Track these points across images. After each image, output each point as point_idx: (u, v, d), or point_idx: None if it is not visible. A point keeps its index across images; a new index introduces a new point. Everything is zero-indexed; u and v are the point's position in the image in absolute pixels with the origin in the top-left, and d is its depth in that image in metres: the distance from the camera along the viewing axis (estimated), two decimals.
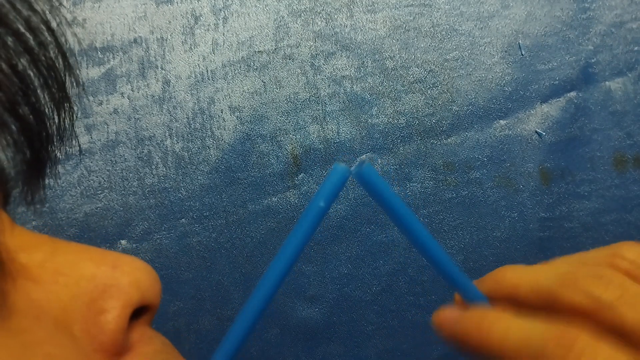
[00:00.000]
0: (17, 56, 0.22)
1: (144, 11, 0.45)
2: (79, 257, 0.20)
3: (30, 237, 0.21)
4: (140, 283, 0.21)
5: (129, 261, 0.21)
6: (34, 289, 0.19)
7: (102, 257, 0.21)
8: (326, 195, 0.21)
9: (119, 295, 0.20)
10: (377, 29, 0.47)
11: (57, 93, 0.23)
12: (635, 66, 0.49)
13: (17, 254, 0.20)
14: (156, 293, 0.21)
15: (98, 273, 0.20)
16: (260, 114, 0.46)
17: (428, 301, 0.47)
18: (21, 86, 0.22)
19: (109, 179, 0.44)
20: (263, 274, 0.21)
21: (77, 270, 0.20)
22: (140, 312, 0.21)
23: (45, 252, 0.20)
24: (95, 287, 0.20)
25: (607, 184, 0.49)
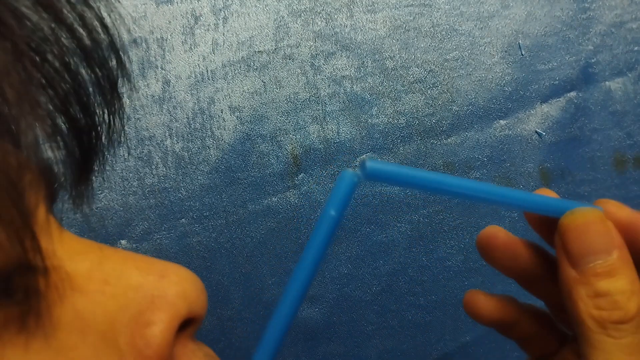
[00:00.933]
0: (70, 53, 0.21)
1: (144, 11, 0.45)
2: (126, 266, 0.20)
3: (77, 243, 0.20)
4: (187, 294, 0.20)
5: (176, 270, 0.20)
6: (80, 300, 0.18)
7: (149, 266, 0.20)
8: (336, 203, 0.21)
9: (166, 307, 0.19)
10: (377, 29, 0.47)
11: (109, 93, 0.23)
12: (635, 66, 0.49)
13: (64, 261, 0.19)
14: (203, 304, 0.21)
15: (145, 283, 0.19)
16: (260, 114, 0.46)
17: (428, 301, 0.47)
18: (73, 85, 0.21)
19: (109, 179, 0.44)
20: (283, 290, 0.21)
21: (124, 280, 0.19)
22: (186, 324, 0.21)
23: (92, 261, 0.19)
24: (143, 297, 0.19)
25: (607, 184, 0.49)
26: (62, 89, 0.21)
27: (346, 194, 0.21)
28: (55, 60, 0.21)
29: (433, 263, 0.47)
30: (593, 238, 0.24)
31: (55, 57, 0.21)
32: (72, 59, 0.21)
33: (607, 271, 0.23)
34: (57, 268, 0.18)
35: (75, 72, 0.21)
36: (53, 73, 0.21)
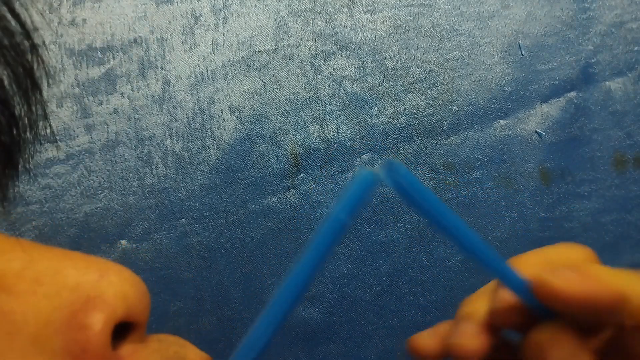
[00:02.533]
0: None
1: (144, 11, 0.45)
2: (62, 265, 0.18)
3: (5, 243, 0.18)
4: (127, 296, 0.18)
5: (116, 271, 0.19)
6: (7, 301, 0.17)
7: (87, 265, 0.19)
8: (349, 206, 0.18)
9: (102, 307, 0.18)
10: (377, 29, 0.47)
11: (24, 80, 0.21)
12: (635, 66, 0.49)
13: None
14: (143, 308, 0.19)
15: (82, 282, 0.18)
16: (260, 114, 0.46)
17: (428, 301, 0.47)
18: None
19: (109, 179, 0.44)
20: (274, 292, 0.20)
21: (58, 279, 0.18)
22: (128, 328, 0.19)
23: (23, 259, 0.18)
24: (78, 298, 0.18)
25: (607, 184, 0.49)
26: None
27: (362, 196, 0.18)
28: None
29: (433, 263, 0.47)
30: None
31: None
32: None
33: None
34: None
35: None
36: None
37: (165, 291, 0.44)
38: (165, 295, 0.44)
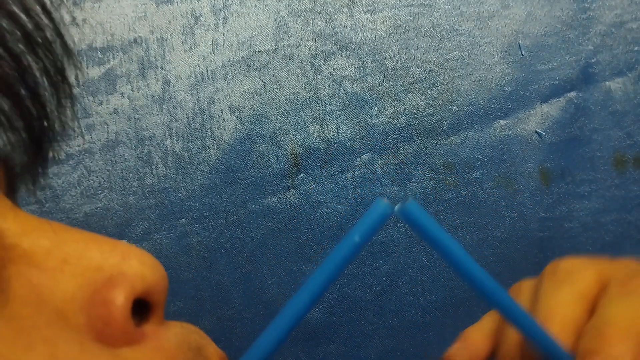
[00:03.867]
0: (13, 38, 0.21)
1: (144, 11, 0.45)
2: (87, 247, 0.20)
3: (37, 223, 0.20)
4: (146, 277, 0.20)
5: (137, 254, 0.20)
6: (37, 275, 0.19)
7: (111, 248, 0.20)
8: (363, 230, 0.20)
9: (122, 285, 0.19)
10: (377, 29, 0.47)
11: (55, 74, 0.23)
12: (635, 66, 0.49)
13: (19, 239, 0.19)
14: (161, 289, 0.21)
15: (105, 265, 0.20)
16: (260, 114, 0.46)
17: (428, 301, 0.47)
18: (18, 69, 0.21)
19: (109, 179, 0.44)
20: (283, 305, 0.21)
21: (84, 261, 0.19)
22: (147, 311, 0.21)
23: (52, 239, 0.19)
24: (101, 277, 0.19)
25: (607, 184, 0.49)
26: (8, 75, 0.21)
27: (375, 223, 0.20)
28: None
29: (433, 263, 0.47)
30: None
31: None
32: (16, 45, 0.21)
33: None
34: (11, 245, 0.19)
35: (19, 57, 0.21)
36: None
37: None
38: None
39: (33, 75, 0.22)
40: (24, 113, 0.22)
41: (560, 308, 0.26)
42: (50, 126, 0.23)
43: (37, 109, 0.22)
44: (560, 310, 0.26)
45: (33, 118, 0.22)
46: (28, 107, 0.22)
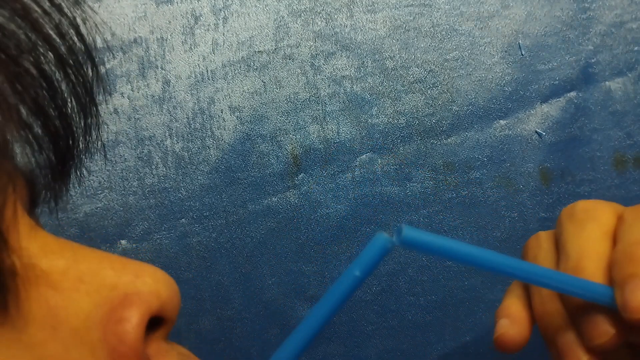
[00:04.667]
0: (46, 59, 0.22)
1: (144, 11, 0.45)
2: (101, 266, 0.20)
3: (53, 242, 0.20)
4: (161, 293, 0.20)
5: (151, 272, 0.21)
6: (53, 296, 0.19)
7: (124, 266, 0.20)
8: (363, 264, 0.20)
9: (138, 303, 0.20)
10: (377, 29, 0.47)
11: (84, 97, 0.23)
12: (635, 66, 0.49)
13: (38, 259, 0.19)
14: (175, 306, 0.21)
15: (119, 283, 0.20)
16: (260, 114, 0.46)
17: (428, 301, 0.47)
18: (48, 89, 0.22)
19: (109, 179, 0.44)
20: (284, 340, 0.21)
21: (99, 279, 0.20)
22: (157, 326, 0.21)
23: (67, 259, 0.20)
24: (116, 296, 0.20)
25: (607, 184, 0.49)
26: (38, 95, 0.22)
27: (375, 257, 0.20)
28: (31, 67, 0.21)
29: (433, 263, 0.47)
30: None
31: (31, 64, 0.21)
32: (49, 66, 0.22)
33: None
34: (30, 265, 0.19)
35: (51, 79, 0.22)
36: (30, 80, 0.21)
37: None
38: None
39: (62, 96, 0.22)
40: (51, 132, 0.22)
41: (590, 244, 0.26)
42: (75, 145, 0.24)
43: (64, 129, 0.23)
44: (590, 246, 0.26)
45: (60, 138, 0.23)
46: (56, 127, 0.23)
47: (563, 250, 0.27)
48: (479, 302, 0.47)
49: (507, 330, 0.28)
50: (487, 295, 0.47)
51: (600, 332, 0.25)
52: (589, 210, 0.28)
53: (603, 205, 0.28)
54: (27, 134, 0.22)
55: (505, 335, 0.28)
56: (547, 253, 0.29)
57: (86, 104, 0.23)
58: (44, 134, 0.22)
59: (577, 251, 0.26)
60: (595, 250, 0.26)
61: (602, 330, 0.25)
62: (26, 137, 0.22)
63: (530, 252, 0.30)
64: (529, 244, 0.31)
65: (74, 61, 0.23)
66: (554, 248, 0.29)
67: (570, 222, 0.28)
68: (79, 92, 0.23)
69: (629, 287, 0.23)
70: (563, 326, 0.27)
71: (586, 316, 0.25)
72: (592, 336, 0.25)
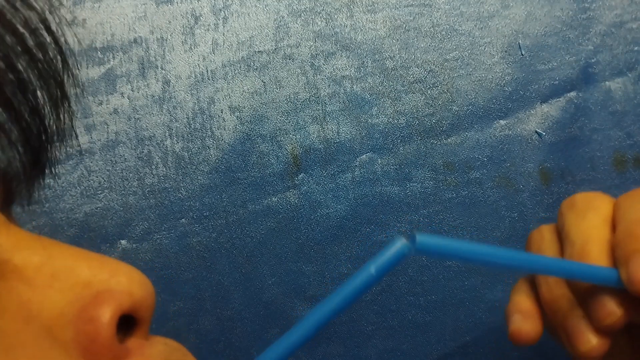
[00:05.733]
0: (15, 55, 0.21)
1: (144, 11, 0.45)
2: (77, 263, 0.20)
3: (28, 238, 0.20)
4: (134, 293, 0.20)
5: (126, 271, 0.21)
6: (26, 291, 0.19)
7: (100, 265, 0.20)
8: (379, 265, 0.21)
9: (109, 301, 0.19)
10: (377, 29, 0.47)
11: (56, 92, 0.23)
12: (635, 66, 0.49)
13: (11, 254, 0.19)
14: (148, 306, 0.21)
15: (93, 281, 0.20)
16: (260, 114, 0.46)
17: (428, 301, 0.47)
18: (18, 84, 0.22)
19: (109, 179, 0.44)
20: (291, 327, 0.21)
21: (73, 276, 0.20)
22: (133, 326, 0.21)
23: (42, 255, 0.20)
24: (89, 293, 0.20)
25: (607, 184, 0.49)
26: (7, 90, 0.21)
27: (392, 260, 0.21)
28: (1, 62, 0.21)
29: (433, 263, 0.47)
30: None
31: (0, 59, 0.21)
32: (19, 61, 0.22)
33: None
34: (3, 260, 0.19)
35: (21, 74, 0.22)
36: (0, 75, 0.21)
37: (165, 291, 0.44)
38: (165, 295, 0.44)
39: (33, 90, 0.22)
40: (22, 127, 0.22)
41: (593, 231, 0.27)
42: (49, 141, 0.24)
43: (35, 124, 0.23)
44: (593, 232, 0.27)
45: (31, 132, 0.23)
46: (27, 121, 0.22)
47: (567, 238, 0.28)
48: (479, 302, 0.47)
49: (521, 325, 0.29)
50: (487, 295, 0.47)
51: (608, 312, 0.25)
52: (588, 200, 0.29)
53: (600, 196, 0.29)
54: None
55: (520, 329, 0.29)
56: (550, 243, 0.30)
57: (57, 99, 0.23)
58: (16, 130, 0.22)
59: (581, 237, 0.27)
60: (598, 235, 0.27)
61: (609, 310, 0.25)
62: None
63: (534, 244, 0.31)
64: (532, 237, 0.32)
65: (44, 56, 0.23)
66: (557, 238, 0.30)
67: (571, 212, 0.29)
68: (49, 85, 0.23)
69: (632, 262, 0.24)
70: (571, 310, 0.27)
71: (593, 298, 0.26)
72: (600, 317, 0.26)
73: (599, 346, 0.26)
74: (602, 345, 0.26)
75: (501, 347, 0.48)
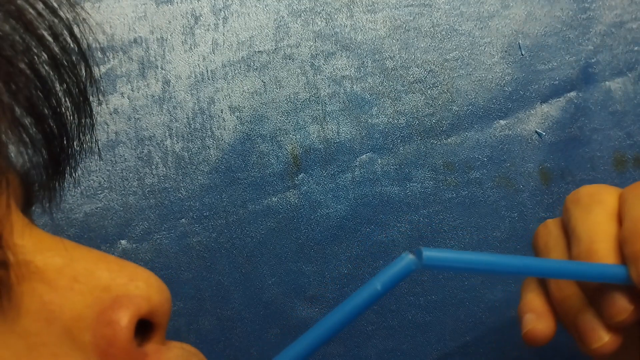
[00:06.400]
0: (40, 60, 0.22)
1: (144, 11, 0.45)
2: (97, 266, 0.20)
3: (50, 240, 0.21)
4: (152, 298, 0.21)
5: (145, 277, 0.21)
6: (48, 292, 0.19)
7: (120, 269, 0.21)
8: (385, 280, 0.21)
9: (128, 305, 0.20)
10: (377, 29, 0.47)
11: (78, 97, 0.23)
12: (635, 66, 0.49)
13: (33, 255, 0.20)
14: (165, 312, 0.21)
15: (113, 284, 0.20)
16: (260, 114, 0.46)
17: (428, 301, 0.47)
18: (42, 89, 0.22)
19: (109, 179, 0.44)
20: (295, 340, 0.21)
21: (93, 280, 0.20)
22: (150, 331, 0.21)
23: (64, 257, 0.20)
24: (108, 297, 0.20)
25: (607, 184, 0.49)
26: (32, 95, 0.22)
27: (398, 276, 0.21)
28: (26, 67, 0.21)
29: None
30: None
31: (25, 64, 0.21)
32: (43, 66, 0.22)
33: None
34: (24, 261, 0.19)
35: (45, 79, 0.22)
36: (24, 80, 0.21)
37: None
38: None
39: (56, 96, 0.23)
40: (45, 132, 0.23)
41: (599, 227, 0.27)
42: (70, 145, 0.24)
43: (58, 128, 0.23)
44: (600, 228, 0.27)
45: (54, 137, 0.23)
46: (50, 126, 0.23)
47: (573, 234, 0.28)
48: (479, 302, 0.47)
49: (535, 325, 0.29)
50: (487, 295, 0.47)
51: (619, 309, 0.26)
52: (593, 195, 0.29)
53: (605, 189, 0.29)
54: (22, 133, 0.22)
55: (534, 330, 0.29)
56: (557, 239, 0.30)
57: (80, 103, 0.24)
58: (39, 133, 0.23)
59: (588, 234, 0.27)
60: (604, 231, 0.27)
61: (621, 307, 0.26)
62: (20, 136, 0.22)
63: (541, 240, 0.31)
64: (538, 232, 0.32)
65: (68, 61, 0.23)
66: (563, 234, 0.30)
67: (576, 207, 0.29)
68: (73, 92, 0.23)
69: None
70: (582, 308, 0.27)
71: (604, 296, 0.26)
72: (611, 314, 0.26)
73: (611, 343, 0.26)
74: (614, 342, 0.26)
75: (501, 347, 0.48)
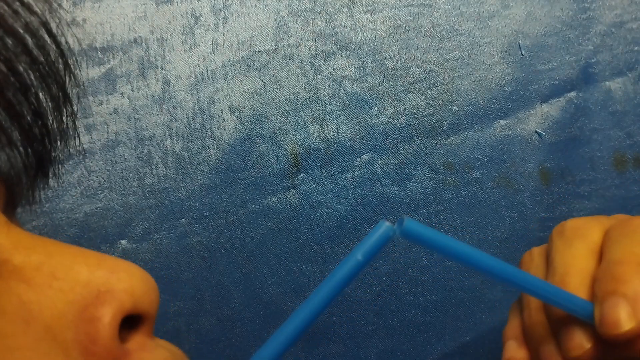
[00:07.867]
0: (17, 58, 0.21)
1: (144, 11, 0.45)
2: (75, 261, 0.20)
3: (27, 238, 0.20)
4: (135, 290, 0.20)
5: (125, 267, 0.20)
6: (26, 291, 0.19)
7: (99, 262, 0.20)
8: (365, 249, 0.21)
9: (111, 301, 0.19)
10: (377, 29, 0.47)
11: (57, 94, 0.23)
12: (635, 66, 0.49)
13: (10, 254, 0.19)
14: (151, 301, 0.21)
15: (93, 279, 0.20)
16: (260, 114, 0.46)
17: (428, 301, 0.47)
18: (20, 87, 0.22)
19: (109, 179, 0.44)
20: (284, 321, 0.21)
21: (72, 275, 0.19)
22: (138, 322, 0.21)
23: (41, 254, 0.20)
24: (89, 293, 0.19)
25: (607, 184, 0.49)
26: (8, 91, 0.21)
27: (377, 244, 0.21)
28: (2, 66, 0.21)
29: (433, 263, 0.47)
30: None
31: (2, 62, 0.21)
32: (21, 64, 0.22)
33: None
34: (3, 260, 0.19)
35: (23, 77, 0.22)
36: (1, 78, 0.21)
37: (165, 291, 0.44)
38: (165, 295, 0.44)
39: (34, 92, 0.22)
40: (24, 129, 0.22)
41: (575, 261, 0.27)
42: (52, 145, 0.24)
43: (37, 126, 0.23)
44: (576, 263, 0.27)
45: (34, 134, 0.23)
46: (29, 123, 0.22)
47: (551, 265, 0.28)
48: (479, 302, 0.47)
49: (516, 353, 0.29)
50: (487, 295, 0.47)
51: (575, 344, 0.25)
52: (578, 228, 0.29)
53: (592, 223, 0.29)
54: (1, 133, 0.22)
55: (514, 358, 0.29)
56: (538, 267, 0.30)
57: (60, 102, 0.23)
58: (18, 132, 0.22)
59: (563, 267, 0.27)
60: (580, 267, 0.27)
61: (577, 343, 0.25)
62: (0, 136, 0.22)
63: (524, 266, 0.32)
64: (523, 259, 0.32)
65: (45, 58, 0.22)
66: (544, 263, 0.30)
67: (559, 239, 0.29)
68: (51, 88, 0.23)
69: (607, 304, 0.24)
70: (545, 337, 0.27)
71: (565, 328, 0.26)
72: (568, 348, 0.26)
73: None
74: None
75: (501, 347, 0.48)
